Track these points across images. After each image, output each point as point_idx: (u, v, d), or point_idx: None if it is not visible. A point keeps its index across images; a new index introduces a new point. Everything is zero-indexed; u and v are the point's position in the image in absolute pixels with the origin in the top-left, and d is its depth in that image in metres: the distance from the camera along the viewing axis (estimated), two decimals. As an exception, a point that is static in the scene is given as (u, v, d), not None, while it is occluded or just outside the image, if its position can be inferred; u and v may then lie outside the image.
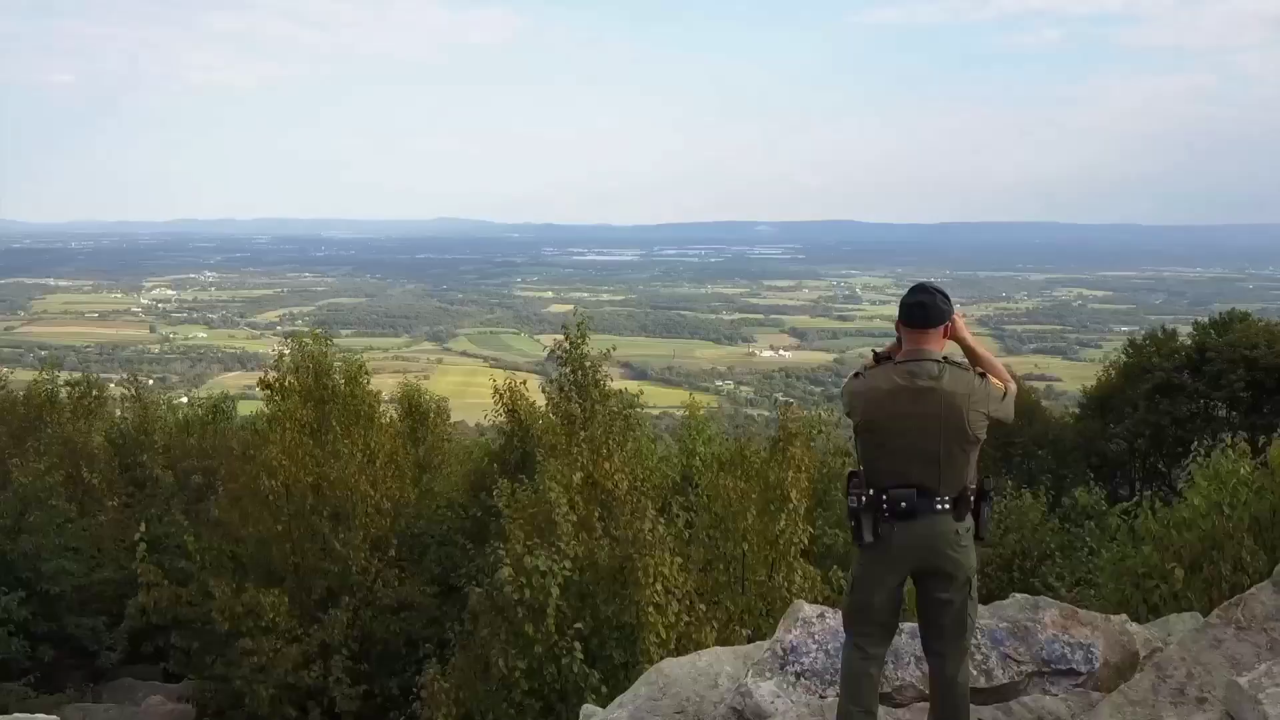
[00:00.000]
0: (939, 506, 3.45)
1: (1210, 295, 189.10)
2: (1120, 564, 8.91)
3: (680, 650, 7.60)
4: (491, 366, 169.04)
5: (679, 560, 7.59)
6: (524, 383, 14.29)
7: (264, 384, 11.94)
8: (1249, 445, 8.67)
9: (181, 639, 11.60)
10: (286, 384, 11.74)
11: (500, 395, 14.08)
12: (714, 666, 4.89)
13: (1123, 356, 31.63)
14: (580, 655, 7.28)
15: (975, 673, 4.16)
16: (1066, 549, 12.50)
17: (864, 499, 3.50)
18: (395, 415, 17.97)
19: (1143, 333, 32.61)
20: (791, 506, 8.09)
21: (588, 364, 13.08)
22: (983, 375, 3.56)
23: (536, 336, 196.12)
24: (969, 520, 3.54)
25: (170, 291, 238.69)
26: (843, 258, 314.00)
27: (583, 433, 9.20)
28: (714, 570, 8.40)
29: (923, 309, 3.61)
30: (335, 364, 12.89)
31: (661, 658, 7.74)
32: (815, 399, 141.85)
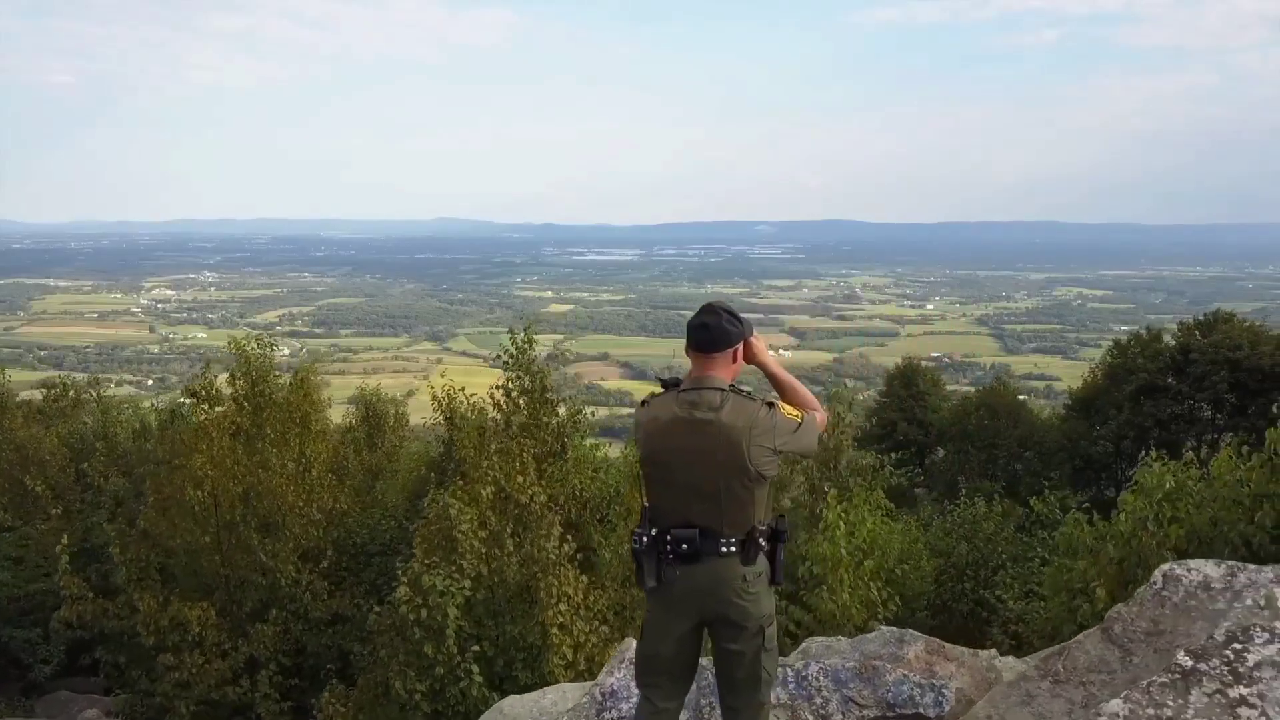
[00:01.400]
0: (724, 549, 3.11)
1: (1210, 294, 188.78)
2: (1057, 578, 8.64)
3: (591, 672, 7.33)
4: (491, 366, 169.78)
5: (585, 579, 7.29)
6: (463, 389, 13.97)
7: (189, 391, 11.66)
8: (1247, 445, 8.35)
9: (108, 653, 11.32)
10: (214, 391, 11.44)
11: (439, 402, 13.79)
12: (558, 704, 4.60)
13: (1108, 358, 31.40)
14: (480, 677, 7.00)
15: (812, 719, 3.86)
16: (1020, 559, 12.17)
17: (645, 540, 3.20)
18: (354, 419, 17.69)
19: (1128, 334, 32.31)
20: None
21: (535, 369, 12.79)
22: (771, 405, 3.21)
23: (536, 337, 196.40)
24: (761, 564, 3.20)
25: (170, 292, 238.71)
26: (842, 257, 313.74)
27: (493, 445, 8.87)
28: (625, 588, 8.10)
29: (705, 331, 3.26)
30: (274, 369, 12.57)
31: (571, 679, 7.50)
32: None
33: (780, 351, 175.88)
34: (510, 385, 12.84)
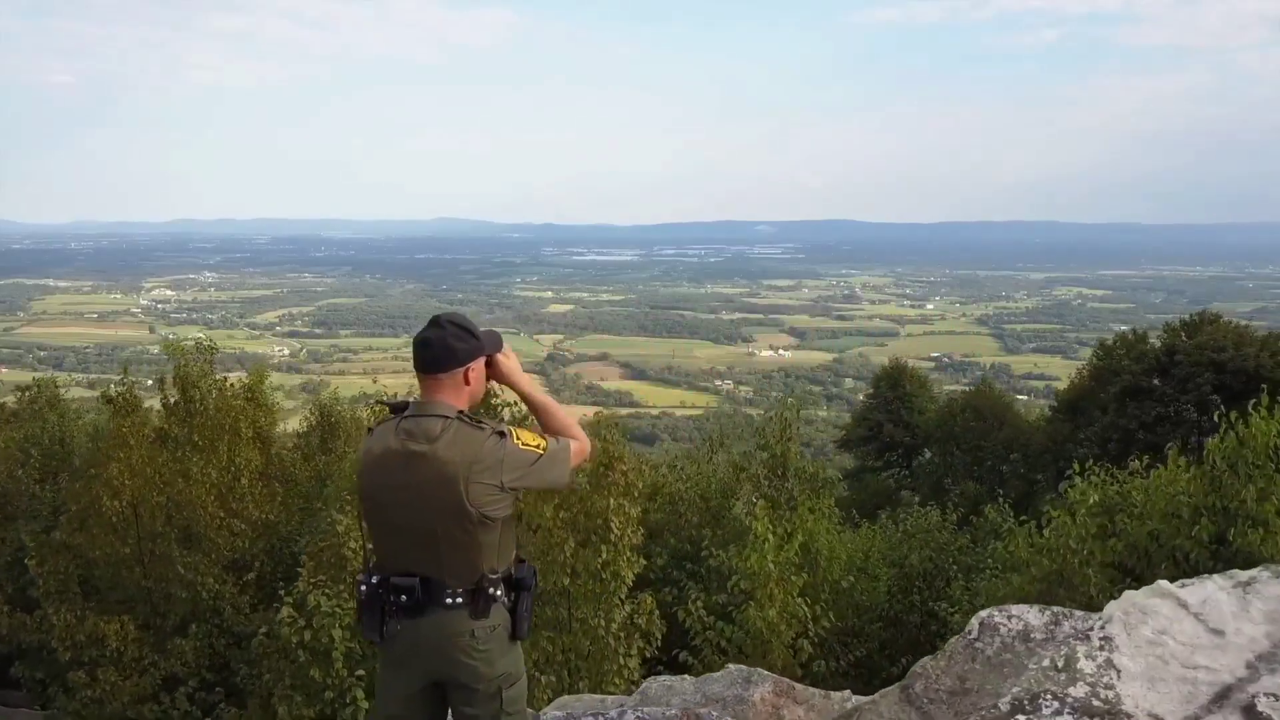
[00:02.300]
0: (449, 601, 2.71)
1: (1210, 294, 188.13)
2: (994, 593, 8.29)
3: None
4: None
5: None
6: (347, 398, 13.54)
7: (105, 398, 11.30)
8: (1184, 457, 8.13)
9: (26, 668, 10.97)
10: (132, 398, 11.07)
11: (316, 415, 13.31)
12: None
13: (1094, 359, 30.91)
14: (366, 703, 6.63)
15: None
16: (974, 569, 11.79)
17: (365, 588, 2.81)
18: (310, 424, 17.29)
19: (1123, 334, 31.89)
20: (614, 538, 7.42)
21: None
22: (502, 435, 2.78)
23: (536, 337, 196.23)
24: (496, 617, 2.79)
25: (169, 292, 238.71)
26: (842, 257, 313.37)
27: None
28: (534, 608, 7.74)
29: (426, 349, 2.83)
30: (211, 374, 12.19)
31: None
32: (815, 399, 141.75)
33: (780, 352, 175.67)
34: None
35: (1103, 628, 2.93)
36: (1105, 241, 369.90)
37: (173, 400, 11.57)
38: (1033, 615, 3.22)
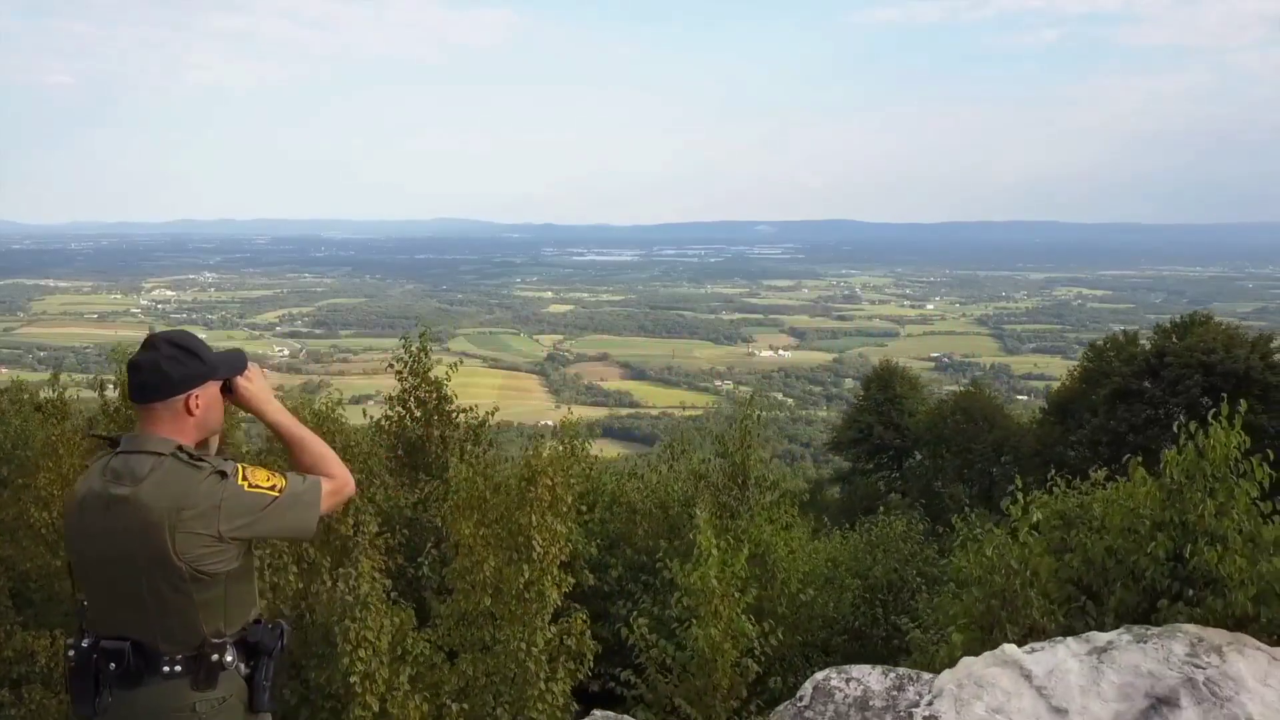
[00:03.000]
0: (166, 670, 2.34)
1: (1210, 294, 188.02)
2: (944, 610, 7.94)
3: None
4: (491, 367, 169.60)
5: (389, 623, 6.54)
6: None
7: (36, 406, 10.95)
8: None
9: (-49, 687, 10.59)
10: (62, 404, 10.71)
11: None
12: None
13: (1084, 360, 30.48)
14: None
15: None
16: (937, 582, 11.40)
17: (74, 653, 2.43)
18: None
19: (1121, 334, 31.48)
20: (537, 556, 7.05)
21: (432, 377, 12.08)
22: (224, 475, 2.41)
23: (536, 337, 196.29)
24: (225, 687, 2.42)
25: (170, 292, 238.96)
26: (842, 258, 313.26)
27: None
28: (460, 629, 7.35)
29: (135, 373, 2.47)
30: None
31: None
32: (814, 399, 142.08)
33: (780, 352, 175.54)
34: (406, 396, 12.03)
35: (930, 703, 2.53)
36: (1105, 241, 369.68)
37: (112, 407, 11.21)
38: (874, 678, 2.82)
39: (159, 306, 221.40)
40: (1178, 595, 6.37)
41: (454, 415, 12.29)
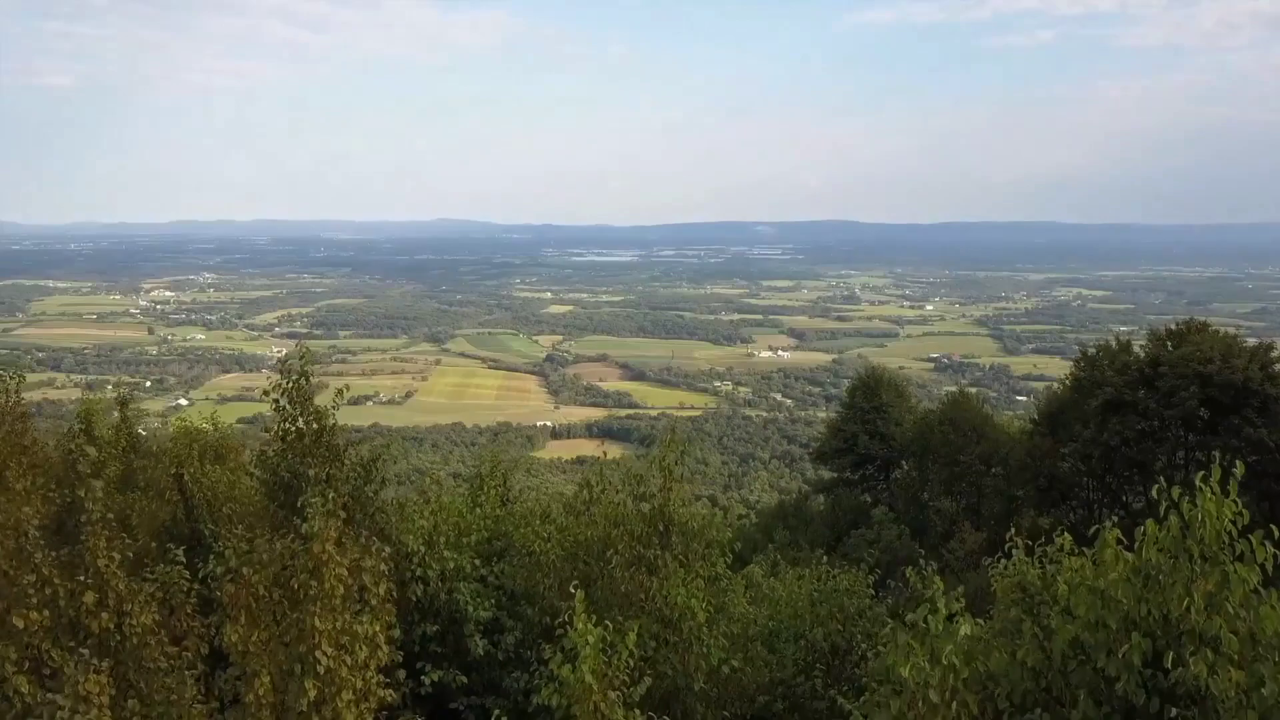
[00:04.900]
0: None
1: (1210, 294, 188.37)
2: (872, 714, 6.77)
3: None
4: (491, 368, 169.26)
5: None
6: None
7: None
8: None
9: None
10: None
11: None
12: None
13: (1075, 369, 29.13)
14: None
15: None
16: (884, 642, 10.04)
17: None
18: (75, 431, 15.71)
19: (1126, 334, 30.29)
20: (324, 670, 5.99)
21: (311, 406, 10.47)
22: None
23: (535, 337, 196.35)
24: None
25: (169, 293, 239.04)
26: (842, 258, 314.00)
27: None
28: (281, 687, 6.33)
29: None
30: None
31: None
32: (814, 399, 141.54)
33: (780, 353, 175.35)
34: (284, 429, 10.34)
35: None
36: (1105, 242, 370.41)
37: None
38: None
39: (158, 307, 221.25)
40: (1158, 715, 5.11)
41: (343, 449, 10.53)
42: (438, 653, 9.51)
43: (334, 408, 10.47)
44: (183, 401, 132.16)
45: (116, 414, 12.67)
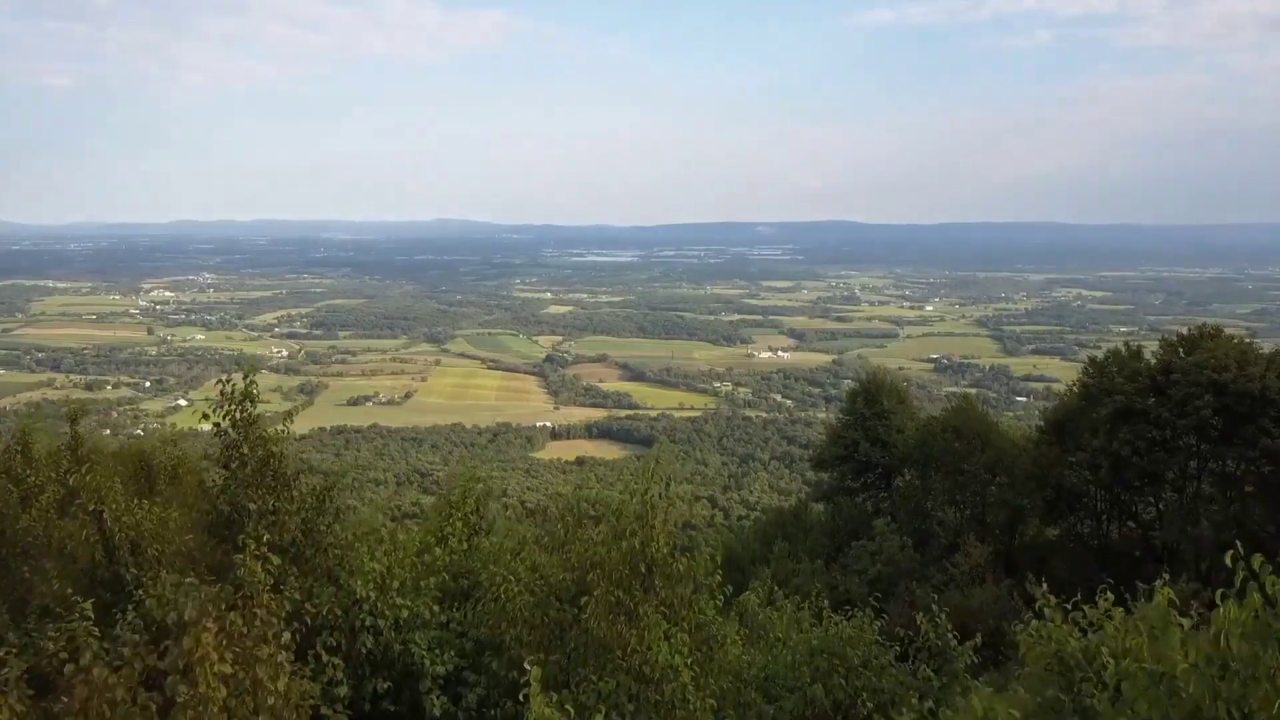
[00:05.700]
0: None
1: (1210, 295, 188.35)
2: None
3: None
4: (490, 368, 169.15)
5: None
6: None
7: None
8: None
9: None
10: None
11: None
12: None
13: (1083, 376, 28.14)
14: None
15: None
16: (894, 705, 9.02)
17: None
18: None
19: (1126, 335, 29.93)
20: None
21: (256, 433, 9.52)
22: None
23: (535, 338, 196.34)
24: None
25: (169, 293, 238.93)
26: (842, 259, 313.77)
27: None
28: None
29: None
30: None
31: None
32: (814, 400, 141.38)
33: (779, 353, 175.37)
34: (227, 455, 9.51)
35: None
36: (1105, 242, 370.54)
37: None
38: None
39: (158, 307, 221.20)
40: None
41: (292, 479, 9.62)
42: (390, 712, 8.74)
43: (284, 430, 9.57)
44: (182, 402, 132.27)
45: (67, 430, 11.59)
